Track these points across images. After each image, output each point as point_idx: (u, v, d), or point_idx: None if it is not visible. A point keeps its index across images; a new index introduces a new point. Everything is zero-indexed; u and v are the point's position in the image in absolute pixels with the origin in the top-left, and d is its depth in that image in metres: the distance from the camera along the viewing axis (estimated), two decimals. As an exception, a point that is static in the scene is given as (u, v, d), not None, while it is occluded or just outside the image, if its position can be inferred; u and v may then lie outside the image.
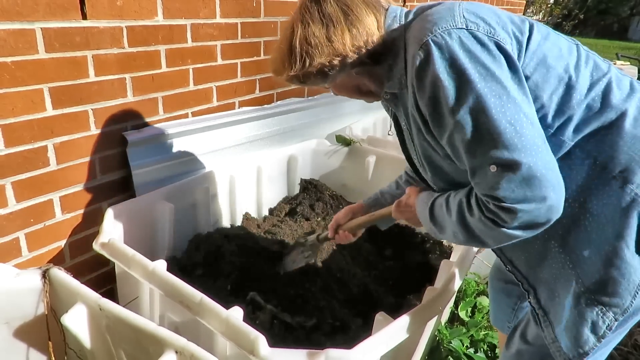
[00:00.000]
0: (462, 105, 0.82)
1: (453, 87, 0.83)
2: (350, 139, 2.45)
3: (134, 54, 1.60)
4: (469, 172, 0.88)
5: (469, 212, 0.91)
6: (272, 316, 1.54)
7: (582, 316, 0.91)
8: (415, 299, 1.65)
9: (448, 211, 0.97)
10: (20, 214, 1.44)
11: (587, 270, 0.89)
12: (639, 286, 0.87)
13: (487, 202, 0.85)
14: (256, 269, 1.74)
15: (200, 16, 1.78)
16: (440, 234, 1.02)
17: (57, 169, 1.50)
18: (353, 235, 1.45)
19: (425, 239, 2.16)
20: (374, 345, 1.06)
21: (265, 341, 1.02)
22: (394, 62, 0.97)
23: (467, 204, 0.92)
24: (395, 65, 0.97)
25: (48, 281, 1.18)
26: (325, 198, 2.28)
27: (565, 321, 0.94)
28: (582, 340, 0.91)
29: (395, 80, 0.98)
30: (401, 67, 0.96)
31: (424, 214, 1.07)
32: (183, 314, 1.25)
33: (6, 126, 1.34)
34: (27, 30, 1.31)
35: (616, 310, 0.89)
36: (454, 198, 0.97)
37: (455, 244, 0.97)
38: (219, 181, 2.00)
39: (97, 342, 1.14)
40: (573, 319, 0.92)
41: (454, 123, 0.84)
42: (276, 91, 2.31)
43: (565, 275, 0.93)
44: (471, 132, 0.83)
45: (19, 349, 1.25)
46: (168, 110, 1.79)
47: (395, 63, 0.97)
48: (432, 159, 1.02)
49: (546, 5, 10.04)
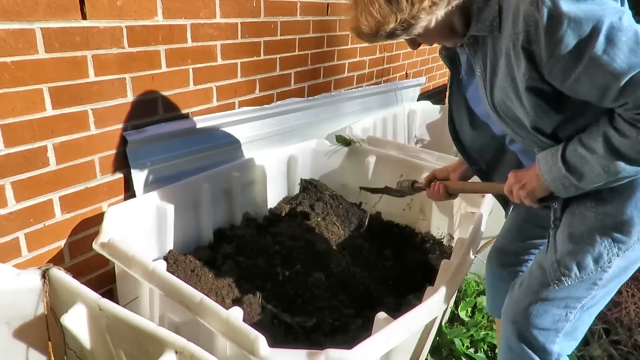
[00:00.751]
0: (599, 36, 0.86)
1: (586, 22, 0.87)
2: (350, 139, 2.45)
3: (134, 54, 1.60)
4: (611, 99, 0.91)
5: (622, 137, 0.93)
6: (272, 316, 1.54)
7: (592, 246, 1.08)
8: (415, 299, 1.65)
9: (589, 150, 0.98)
10: (20, 214, 1.44)
11: (609, 209, 1.06)
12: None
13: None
14: (256, 269, 1.74)
15: (200, 16, 1.78)
16: (580, 181, 1.01)
17: (57, 169, 1.50)
18: (449, 196, 1.48)
19: (425, 239, 2.17)
20: (374, 345, 1.06)
21: (265, 341, 1.02)
22: (484, 5, 1.01)
23: (616, 130, 0.94)
24: (485, 7, 1.00)
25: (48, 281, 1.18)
26: (325, 198, 2.28)
27: (572, 248, 1.11)
28: (584, 265, 1.10)
29: (486, 22, 1.01)
30: (494, 10, 0.99)
31: (555, 169, 1.04)
32: (183, 314, 1.25)
33: (6, 126, 1.34)
34: (27, 30, 1.31)
35: (621, 246, 1.07)
36: (590, 136, 0.99)
37: (599, 184, 0.98)
38: (219, 181, 2.00)
39: (96, 342, 1.14)
40: (582, 247, 1.09)
41: (590, 57, 0.88)
42: (276, 91, 2.31)
43: (588, 211, 1.09)
44: (613, 55, 0.86)
45: (19, 349, 1.25)
46: (168, 110, 1.79)
47: (486, 5, 1.00)
48: (508, 105, 1.06)
49: (546, 5, 10.02)
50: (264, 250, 1.85)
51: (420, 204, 2.25)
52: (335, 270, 1.80)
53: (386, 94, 3.15)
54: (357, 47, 2.84)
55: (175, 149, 1.83)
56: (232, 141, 2.08)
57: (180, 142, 1.84)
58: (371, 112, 3.00)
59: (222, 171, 2.00)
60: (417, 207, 2.27)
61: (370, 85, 3.09)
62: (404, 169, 2.26)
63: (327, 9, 2.46)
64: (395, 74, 3.43)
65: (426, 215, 2.25)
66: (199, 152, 1.93)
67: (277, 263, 1.79)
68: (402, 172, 2.26)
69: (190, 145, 1.89)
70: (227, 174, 2.03)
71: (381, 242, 2.16)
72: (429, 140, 3.61)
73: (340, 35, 2.63)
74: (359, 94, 2.88)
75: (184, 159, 1.88)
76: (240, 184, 2.08)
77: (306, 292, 1.68)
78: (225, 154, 2.06)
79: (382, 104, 3.14)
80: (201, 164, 1.95)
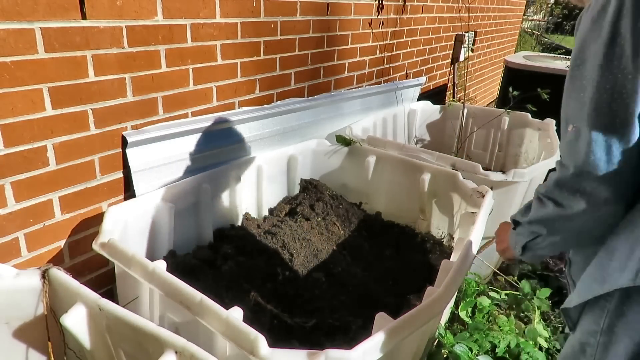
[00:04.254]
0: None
1: None
2: (350, 139, 2.45)
3: (133, 54, 1.60)
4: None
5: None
6: (272, 316, 1.54)
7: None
8: (415, 299, 1.65)
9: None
10: (19, 214, 1.44)
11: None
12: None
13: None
14: (256, 269, 1.74)
15: (200, 16, 1.78)
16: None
17: (56, 168, 1.49)
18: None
19: (425, 239, 2.17)
20: (374, 345, 1.06)
21: (265, 341, 1.02)
22: None
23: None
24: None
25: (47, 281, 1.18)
26: (325, 198, 2.28)
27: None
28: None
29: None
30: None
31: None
32: (183, 314, 1.25)
33: (6, 126, 1.33)
34: (26, 30, 1.31)
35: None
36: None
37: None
38: (219, 181, 2.00)
39: (96, 342, 1.14)
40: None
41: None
42: (276, 91, 2.31)
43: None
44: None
45: (19, 349, 1.25)
46: (168, 110, 1.79)
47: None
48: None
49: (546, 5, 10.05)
50: (264, 250, 1.86)
51: (420, 204, 2.24)
52: (335, 270, 1.80)
53: (386, 94, 3.15)
54: (357, 47, 2.84)
55: (175, 149, 1.83)
56: (232, 141, 2.08)
57: (180, 142, 1.84)
58: (371, 112, 3.00)
59: (222, 171, 2.00)
60: (417, 207, 2.27)
61: (370, 85, 3.09)
62: (404, 169, 2.26)
63: (327, 9, 2.46)
64: (395, 74, 3.43)
65: (426, 215, 2.25)
66: (199, 152, 1.93)
67: (277, 263, 1.79)
68: (402, 172, 2.26)
69: (190, 145, 1.89)
70: (227, 174, 2.02)
71: (381, 242, 2.16)
72: (429, 140, 3.61)
73: (340, 35, 2.63)
74: (359, 94, 2.88)
75: (184, 159, 1.88)
76: (240, 184, 2.08)
77: (306, 292, 1.68)
78: (225, 154, 2.06)
79: (382, 104, 3.14)
80: (201, 164, 1.95)
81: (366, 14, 2.81)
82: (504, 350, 1.89)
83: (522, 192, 2.29)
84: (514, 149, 3.31)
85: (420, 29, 3.60)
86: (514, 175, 2.15)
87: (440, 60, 4.20)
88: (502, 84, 4.86)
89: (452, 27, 4.21)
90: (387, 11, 3.03)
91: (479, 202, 1.85)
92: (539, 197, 1.00)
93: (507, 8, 6.08)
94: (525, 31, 9.35)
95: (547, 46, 9.13)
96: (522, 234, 1.08)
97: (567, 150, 0.90)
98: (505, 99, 3.56)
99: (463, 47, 4.31)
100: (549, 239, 1.01)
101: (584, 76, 0.85)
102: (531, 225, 1.04)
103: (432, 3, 3.64)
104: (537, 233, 1.03)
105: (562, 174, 0.92)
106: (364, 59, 2.96)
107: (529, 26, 10.24)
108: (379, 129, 3.01)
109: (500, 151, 3.42)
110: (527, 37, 9.17)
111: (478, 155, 3.47)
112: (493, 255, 2.46)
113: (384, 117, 3.07)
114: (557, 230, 0.99)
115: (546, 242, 1.03)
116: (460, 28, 4.28)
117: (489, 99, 6.41)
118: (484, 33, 5.33)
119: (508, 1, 6.01)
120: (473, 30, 4.84)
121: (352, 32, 2.74)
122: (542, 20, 10.81)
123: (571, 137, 0.88)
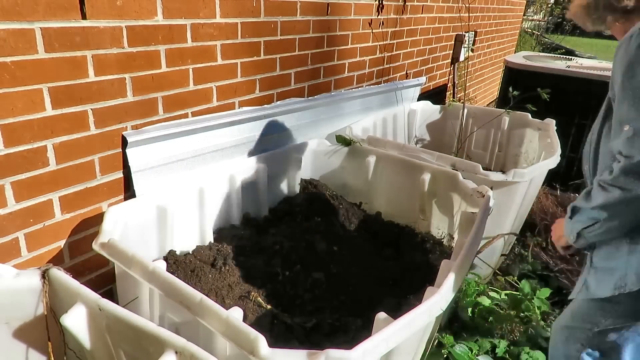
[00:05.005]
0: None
1: None
2: (350, 139, 2.45)
3: (133, 54, 1.60)
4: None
5: None
6: (272, 316, 1.53)
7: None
8: (415, 299, 1.64)
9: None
10: (19, 214, 1.44)
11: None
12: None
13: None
14: (256, 269, 1.74)
15: (200, 16, 1.78)
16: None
17: (56, 168, 1.49)
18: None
19: (425, 239, 2.16)
20: (374, 345, 1.06)
21: (265, 341, 1.02)
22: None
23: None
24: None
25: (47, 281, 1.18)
26: (325, 198, 2.28)
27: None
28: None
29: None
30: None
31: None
32: (183, 314, 1.25)
33: (6, 126, 1.33)
34: (26, 30, 1.31)
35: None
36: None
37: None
38: (219, 181, 2.00)
39: (96, 342, 1.14)
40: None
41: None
42: (276, 91, 2.31)
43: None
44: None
45: (19, 349, 1.25)
46: (168, 110, 1.79)
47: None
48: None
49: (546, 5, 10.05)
50: (264, 250, 1.85)
51: (420, 204, 2.24)
52: (335, 270, 1.79)
53: (386, 94, 3.15)
54: (357, 47, 2.84)
55: (175, 149, 1.82)
56: (232, 141, 2.08)
57: (180, 142, 1.84)
58: (371, 112, 3.00)
59: (222, 171, 2.00)
60: (417, 207, 2.27)
61: (370, 85, 3.09)
62: (404, 169, 2.26)
63: (327, 9, 2.46)
64: (395, 74, 3.43)
65: (426, 215, 2.25)
66: (199, 152, 1.93)
67: (277, 263, 1.79)
68: (402, 172, 2.26)
69: (190, 145, 1.89)
70: (227, 174, 2.02)
71: (381, 242, 2.16)
72: (429, 140, 3.61)
73: (340, 35, 2.63)
74: (359, 94, 2.87)
75: (184, 159, 1.88)
76: (240, 184, 2.08)
77: (306, 292, 1.68)
78: (225, 154, 2.06)
79: (382, 104, 3.13)
80: (201, 164, 1.95)
81: (366, 14, 2.81)
82: (504, 350, 1.89)
83: (522, 192, 2.29)
84: (514, 149, 3.31)
85: (420, 29, 3.60)
86: (514, 175, 2.15)
87: (440, 60, 4.20)
88: (502, 84, 4.85)
89: (452, 27, 4.21)
90: (387, 11, 3.03)
91: (479, 202, 1.85)
92: (603, 185, 1.12)
93: (507, 8, 6.08)
94: (525, 31, 9.34)
95: (547, 46, 9.14)
96: (580, 220, 1.21)
97: (629, 145, 1.06)
98: (505, 99, 3.55)
99: (463, 47, 4.31)
100: (607, 224, 1.14)
101: (634, 87, 1.07)
102: (593, 210, 1.16)
103: (432, 3, 3.64)
104: (596, 219, 1.16)
105: (628, 163, 1.06)
106: (364, 59, 2.96)
107: (529, 26, 10.23)
108: (379, 129, 3.01)
109: (500, 151, 3.42)
110: (527, 37, 9.17)
111: (478, 155, 3.47)
112: (493, 255, 2.46)
113: (384, 117, 3.07)
114: (619, 213, 1.12)
115: (603, 228, 1.16)
116: (460, 28, 4.28)
117: (489, 99, 6.41)
118: (484, 33, 5.33)
119: (508, 1, 6.01)
120: (473, 30, 4.84)
121: (352, 32, 2.74)
122: (542, 20, 10.80)
123: (629, 134, 1.06)
